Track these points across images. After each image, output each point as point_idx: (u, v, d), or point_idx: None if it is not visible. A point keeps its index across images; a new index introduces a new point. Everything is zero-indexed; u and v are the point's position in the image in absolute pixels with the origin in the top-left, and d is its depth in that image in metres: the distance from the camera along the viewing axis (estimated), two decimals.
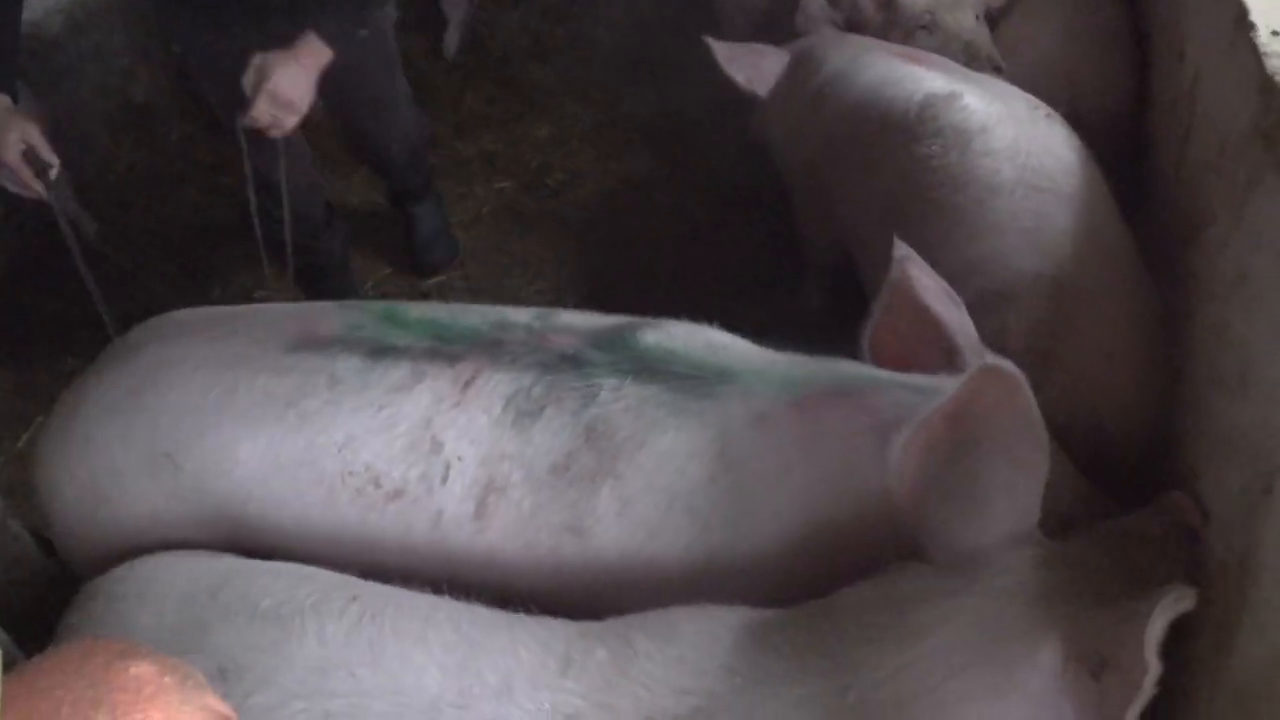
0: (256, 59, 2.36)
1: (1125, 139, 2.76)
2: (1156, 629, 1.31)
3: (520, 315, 1.87)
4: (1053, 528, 1.62)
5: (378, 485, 1.73)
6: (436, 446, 1.71)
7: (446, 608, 1.60)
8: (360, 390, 1.74)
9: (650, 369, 1.73)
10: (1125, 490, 1.96)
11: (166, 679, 0.77)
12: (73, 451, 1.84)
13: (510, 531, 1.70)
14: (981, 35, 2.86)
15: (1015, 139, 2.22)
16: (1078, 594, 1.47)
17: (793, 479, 1.65)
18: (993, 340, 1.95)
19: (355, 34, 2.50)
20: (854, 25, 3.07)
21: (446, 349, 1.78)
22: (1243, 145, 1.87)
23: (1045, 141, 2.24)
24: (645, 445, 1.67)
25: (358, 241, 3.43)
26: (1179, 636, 1.71)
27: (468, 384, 1.73)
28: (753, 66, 2.92)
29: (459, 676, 1.50)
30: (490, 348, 1.77)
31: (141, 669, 0.76)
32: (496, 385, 1.73)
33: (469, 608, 1.60)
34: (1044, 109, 2.37)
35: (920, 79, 2.47)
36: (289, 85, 2.34)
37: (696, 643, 1.51)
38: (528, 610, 1.60)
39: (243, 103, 2.39)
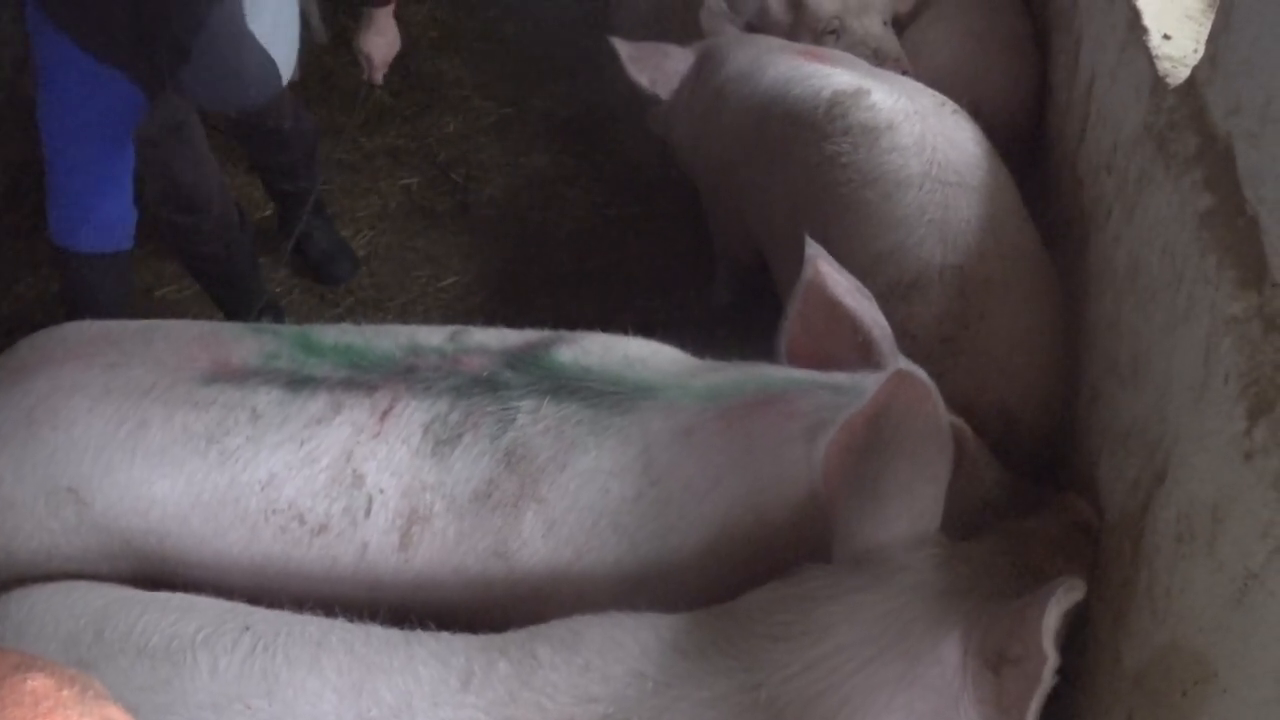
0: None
1: (1027, 138, 2.84)
2: (1051, 620, 1.34)
3: (433, 337, 1.84)
4: (972, 513, 1.66)
5: (302, 522, 1.70)
6: (358, 480, 1.69)
7: (340, 630, 1.56)
8: (281, 424, 1.70)
9: (567, 387, 1.72)
10: (1033, 474, 2.02)
11: (65, 692, 0.74)
12: None
13: (436, 559, 1.69)
14: (888, 40, 2.90)
15: (922, 134, 2.26)
16: (977, 591, 1.51)
17: (722, 490, 1.66)
18: (901, 329, 1.99)
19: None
20: (760, 27, 3.09)
21: (363, 378, 1.75)
22: (1134, 144, 1.93)
23: (952, 136, 2.29)
24: (567, 466, 1.67)
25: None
26: (1078, 625, 1.76)
27: (385, 414, 1.71)
28: (656, 67, 2.92)
29: (356, 700, 1.47)
30: (405, 374, 1.75)
31: (38, 682, 0.73)
32: (413, 414, 1.71)
33: (364, 628, 1.56)
34: (950, 105, 2.42)
35: (827, 76, 2.49)
36: None
37: (603, 649, 1.51)
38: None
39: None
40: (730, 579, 1.62)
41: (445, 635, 1.57)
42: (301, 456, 1.69)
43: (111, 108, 2.53)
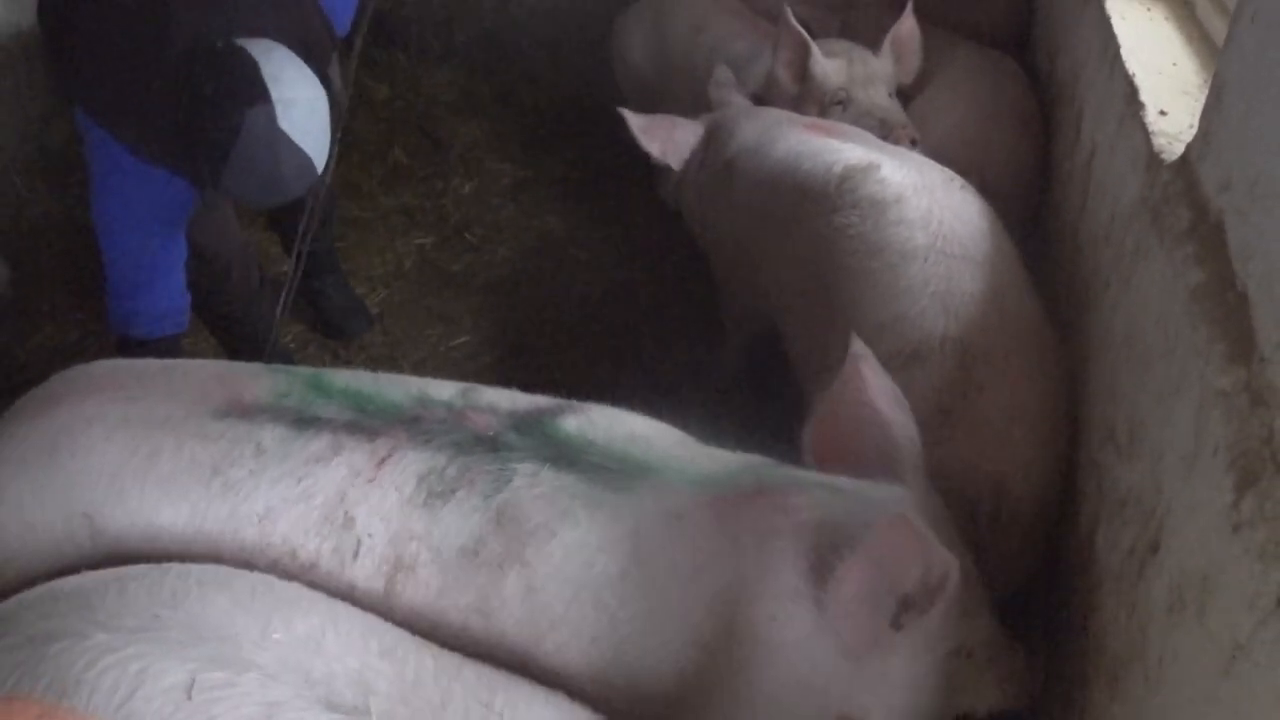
0: None
1: (1031, 208, 2.88)
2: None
3: (443, 391, 1.86)
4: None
5: (294, 557, 1.71)
6: (349, 522, 1.71)
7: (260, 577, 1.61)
8: (282, 460, 1.73)
9: (568, 457, 1.73)
10: (1026, 548, 2.03)
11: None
12: None
13: (418, 609, 1.69)
14: (894, 110, 2.96)
15: (929, 208, 2.29)
16: None
17: (705, 578, 1.66)
18: None
19: None
20: (767, 97, 3.15)
21: (367, 422, 1.77)
22: (1131, 216, 1.97)
23: (958, 210, 2.32)
24: (556, 535, 1.67)
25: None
26: (1071, 688, 1.77)
27: (383, 460, 1.73)
28: (666, 138, 2.97)
29: (265, 621, 1.50)
30: (409, 424, 1.77)
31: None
32: (410, 463, 1.72)
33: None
34: (958, 180, 2.45)
35: (837, 151, 2.53)
36: None
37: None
38: None
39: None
40: (708, 674, 1.63)
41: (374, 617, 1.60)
42: (298, 493, 1.71)
43: (163, 202, 2.63)
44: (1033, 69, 3.30)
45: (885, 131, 2.84)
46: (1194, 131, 1.76)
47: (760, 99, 3.12)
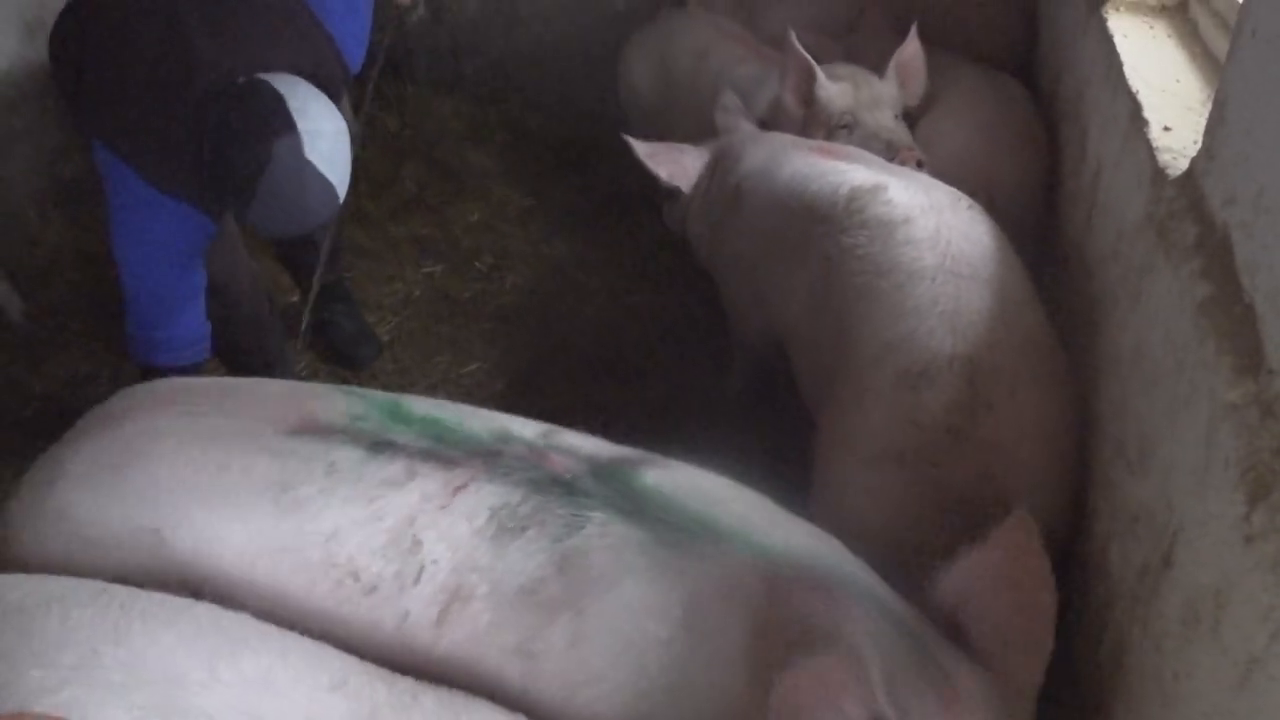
0: None
1: (1038, 227, 2.88)
2: None
3: (526, 429, 1.83)
4: None
5: (356, 579, 1.70)
6: (415, 546, 1.69)
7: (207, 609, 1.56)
8: (354, 481, 1.71)
9: (643, 511, 1.69)
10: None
11: None
12: (46, 523, 1.76)
13: (463, 643, 1.67)
14: (901, 132, 2.96)
15: (937, 228, 2.29)
16: None
17: (747, 660, 1.60)
18: (909, 418, 2.01)
19: None
20: (773, 122, 3.17)
21: (445, 452, 1.75)
22: (1137, 233, 1.97)
23: (966, 230, 2.32)
24: (615, 588, 1.63)
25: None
26: (1087, 707, 1.75)
27: (458, 490, 1.71)
28: (674, 163, 2.99)
29: (211, 660, 1.45)
30: (488, 457, 1.74)
31: None
32: (486, 495, 1.70)
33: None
34: (965, 200, 2.46)
35: (845, 173, 2.54)
36: None
37: None
38: None
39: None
40: None
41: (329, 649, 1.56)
42: (367, 514, 1.70)
43: (183, 234, 2.66)
44: (1036, 89, 3.31)
45: (891, 154, 2.85)
46: (1198, 147, 1.76)
47: (766, 124, 3.14)
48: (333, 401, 1.82)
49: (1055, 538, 2.01)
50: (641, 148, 2.93)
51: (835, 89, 2.99)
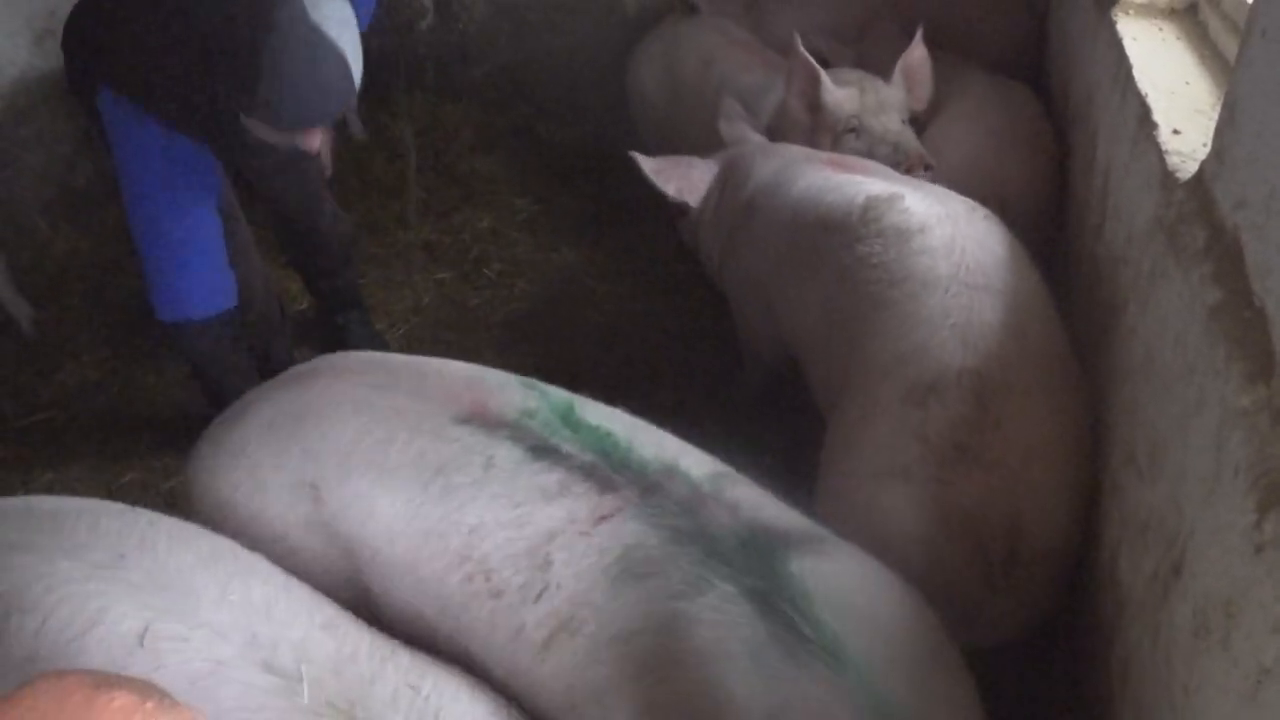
0: None
1: (1048, 233, 2.86)
2: None
3: (697, 467, 1.76)
4: None
5: (487, 579, 1.70)
6: (546, 564, 1.67)
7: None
8: (508, 481, 1.72)
9: (771, 601, 1.55)
10: (1044, 590, 1.98)
11: (149, 704, 0.76)
12: (227, 459, 1.87)
13: (557, 675, 1.65)
14: (907, 136, 2.95)
15: (952, 237, 2.26)
16: None
17: None
18: (916, 433, 1.98)
19: None
20: (779, 128, 3.16)
21: (604, 472, 1.72)
22: (1147, 237, 1.95)
23: (982, 240, 2.29)
24: (704, 669, 1.53)
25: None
26: (1096, 717, 1.73)
27: (603, 519, 1.68)
28: (682, 178, 2.97)
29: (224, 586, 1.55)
30: (645, 490, 1.70)
31: (123, 698, 0.76)
32: (625, 533, 1.66)
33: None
34: (981, 210, 2.42)
35: (860, 184, 2.51)
36: None
37: None
38: None
39: None
40: None
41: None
42: (512, 518, 1.70)
43: (193, 179, 2.67)
44: (1046, 93, 3.29)
45: (899, 158, 2.83)
46: (1208, 150, 1.74)
47: (772, 131, 3.12)
48: (509, 394, 1.85)
49: (1063, 552, 1.99)
50: (648, 164, 2.91)
51: (841, 94, 2.97)
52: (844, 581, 1.61)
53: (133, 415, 3.33)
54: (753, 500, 1.72)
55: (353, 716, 1.46)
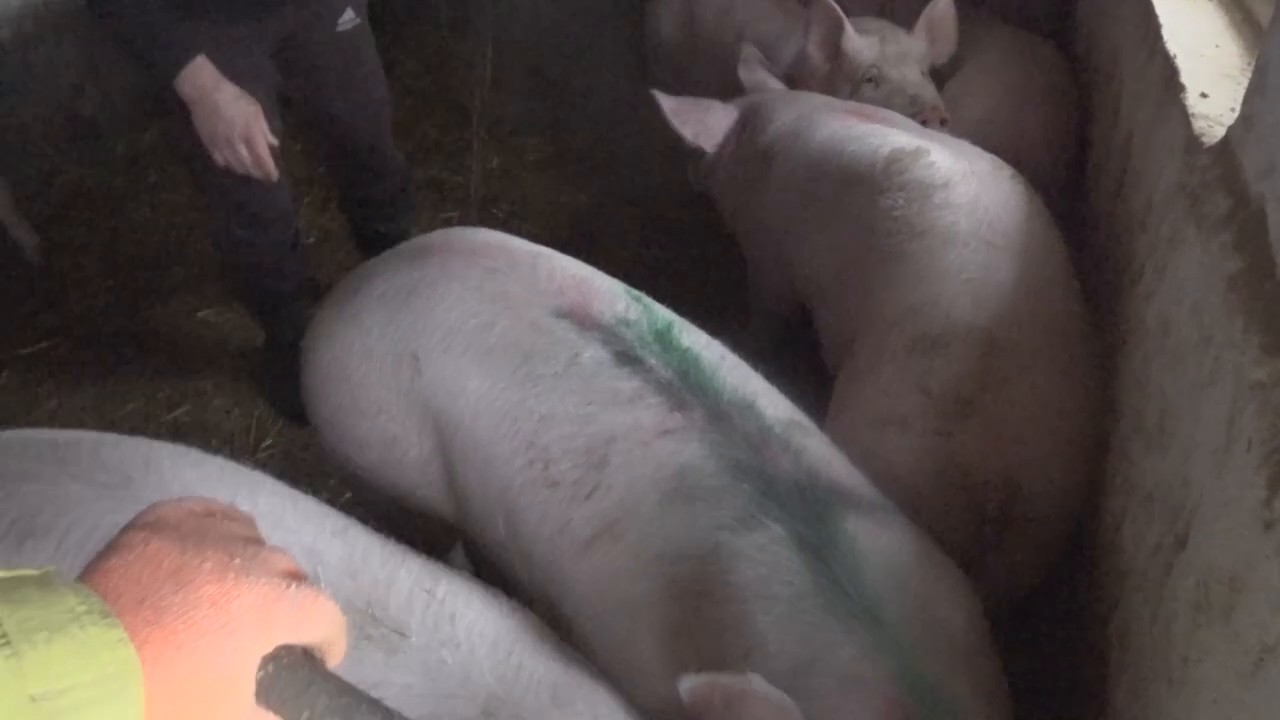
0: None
1: (1065, 192, 2.82)
2: None
3: (772, 409, 1.73)
4: None
5: (545, 468, 1.73)
6: (601, 464, 1.69)
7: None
8: (587, 379, 1.74)
9: (820, 557, 1.52)
10: (1038, 551, 1.96)
11: (236, 560, 0.77)
12: (342, 326, 1.95)
13: (593, 578, 1.66)
14: (926, 88, 2.90)
15: (976, 194, 2.24)
16: None
17: None
18: (920, 384, 1.97)
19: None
20: (798, 75, 3.10)
21: (679, 391, 1.72)
22: (1168, 202, 1.91)
23: (1005, 199, 2.26)
24: (742, 605, 1.52)
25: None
26: (1092, 686, 1.73)
27: (666, 433, 1.68)
28: (699, 122, 2.92)
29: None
30: (715, 417, 1.69)
31: (214, 558, 0.76)
32: (685, 452, 1.65)
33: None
34: (1008, 169, 2.39)
35: (885, 135, 2.48)
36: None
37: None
38: None
39: None
40: None
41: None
42: (580, 414, 1.72)
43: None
44: (1070, 52, 3.23)
45: (916, 109, 2.79)
46: (1235, 115, 1.70)
47: (790, 79, 3.07)
48: (613, 301, 1.87)
49: (1060, 516, 1.97)
50: (668, 104, 2.86)
51: (862, 42, 2.92)
52: (895, 551, 1.59)
53: (136, 346, 3.32)
54: (820, 453, 1.71)
55: (371, 616, 1.47)
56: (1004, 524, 1.89)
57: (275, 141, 2.58)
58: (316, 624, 0.78)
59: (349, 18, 2.80)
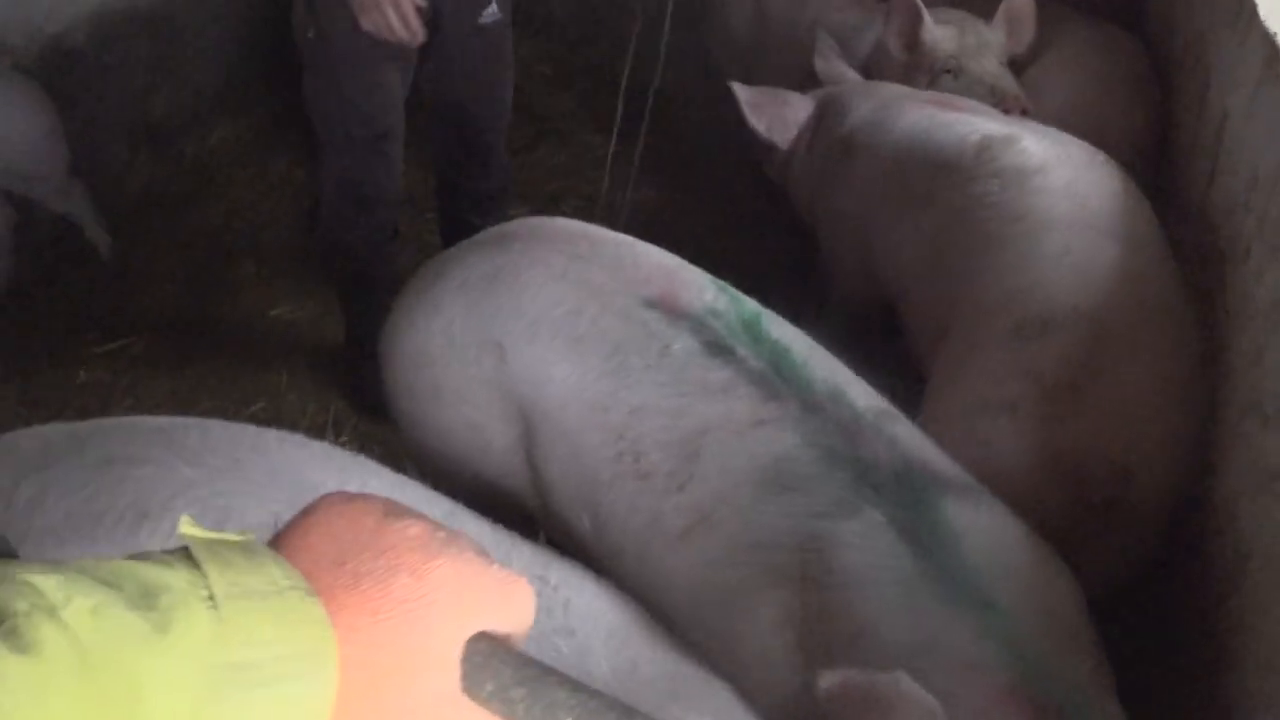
0: None
1: (1148, 180, 2.79)
2: None
3: (863, 399, 1.72)
4: None
5: (636, 460, 1.71)
6: (694, 456, 1.67)
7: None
8: (677, 370, 1.73)
9: (921, 542, 1.50)
10: (1146, 537, 1.95)
11: (441, 533, 0.73)
12: (423, 314, 1.94)
13: (689, 569, 1.64)
14: (1006, 79, 2.88)
15: (1072, 179, 2.23)
16: None
17: None
18: (1026, 369, 1.95)
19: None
20: (875, 67, 3.10)
21: (772, 381, 1.71)
22: (1275, 180, 1.89)
23: (1101, 184, 2.25)
24: (848, 591, 1.49)
25: None
26: (1211, 673, 1.70)
27: (760, 423, 1.66)
28: (775, 114, 2.91)
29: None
30: (807, 407, 1.68)
31: (417, 528, 0.73)
32: (779, 442, 1.63)
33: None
34: (1102, 155, 2.38)
35: (971, 123, 2.47)
36: None
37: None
38: None
39: None
40: None
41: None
42: (673, 406, 1.70)
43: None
44: (1148, 41, 3.20)
45: (996, 100, 2.77)
46: None
47: (866, 70, 3.07)
48: (701, 291, 1.85)
49: (1165, 504, 1.95)
50: (744, 94, 2.86)
51: (941, 33, 2.91)
52: (996, 535, 1.56)
53: (209, 343, 3.35)
54: (913, 440, 1.69)
55: None
56: (1110, 512, 1.87)
57: (424, 3, 2.58)
58: (517, 608, 0.74)
59: (492, 12, 2.84)
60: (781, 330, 1.81)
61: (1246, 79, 2.20)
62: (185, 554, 0.67)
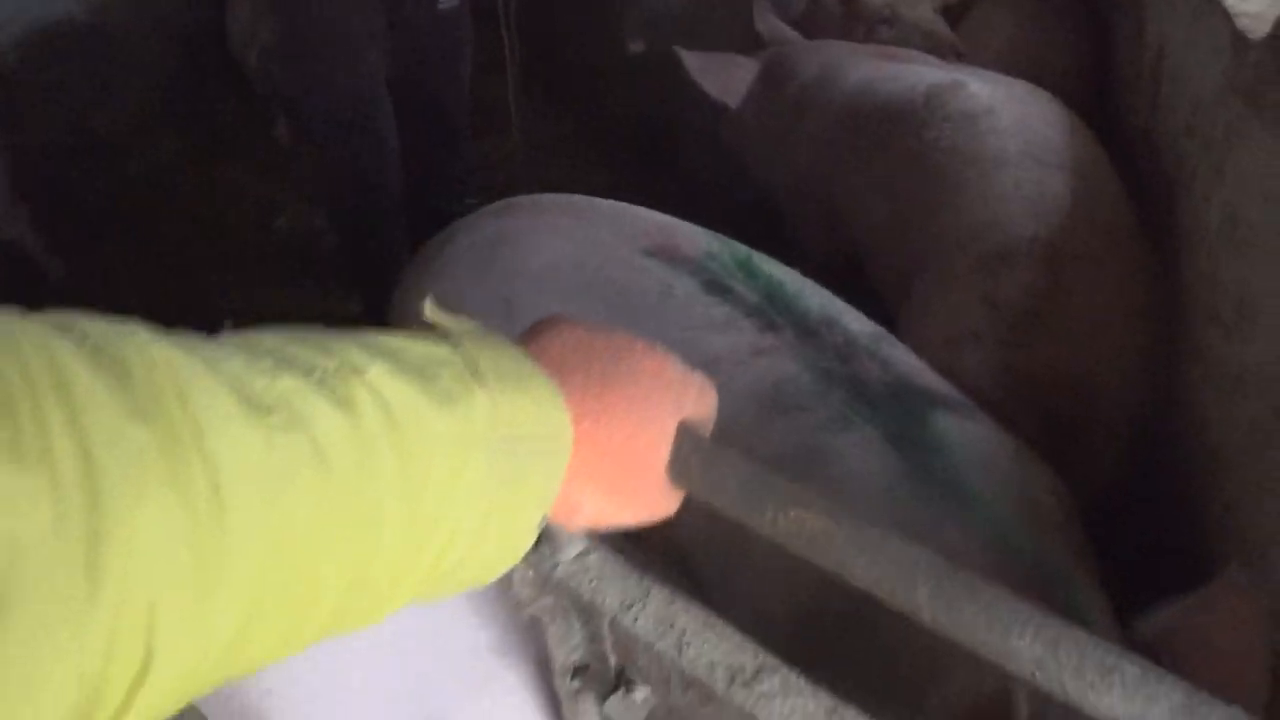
0: None
1: (1089, 115, 2.87)
2: None
3: (857, 324, 1.79)
4: None
5: None
6: None
7: None
8: (680, 309, 1.79)
9: (915, 446, 1.56)
10: (1112, 454, 2.02)
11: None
12: (432, 279, 2.01)
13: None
14: (940, 25, 2.97)
15: (1020, 117, 2.32)
16: None
17: None
18: (989, 300, 2.03)
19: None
20: (810, 20, 3.15)
21: (769, 313, 1.78)
22: (1217, 103, 1.96)
23: (1048, 119, 2.35)
24: (840, 497, 1.51)
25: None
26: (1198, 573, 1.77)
27: (760, 353, 1.72)
28: (724, 77, 2.97)
29: None
30: (803, 334, 1.75)
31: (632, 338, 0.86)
32: (779, 368, 1.69)
33: None
34: (1044, 92, 2.47)
35: (918, 73, 2.56)
36: None
37: None
38: None
39: None
40: None
41: None
42: (676, 340, 1.66)
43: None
44: None
45: (931, 47, 2.85)
46: (1276, 10, 1.75)
47: (802, 23, 3.12)
48: (697, 239, 1.95)
49: (1132, 420, 2.03)
50: (692, 60, 2.90)
51: None
52: (982, 441, 1.62)
53: None
54: (906, 361, 1.76)
55: None
56: (1078, 429, 1.95)
57: None
58: (712, 407, 0.87)
59: None
60: (772, 266, 1.90)
61: (1184, 9, 2.27)
62: (437, 334, 0.73)
